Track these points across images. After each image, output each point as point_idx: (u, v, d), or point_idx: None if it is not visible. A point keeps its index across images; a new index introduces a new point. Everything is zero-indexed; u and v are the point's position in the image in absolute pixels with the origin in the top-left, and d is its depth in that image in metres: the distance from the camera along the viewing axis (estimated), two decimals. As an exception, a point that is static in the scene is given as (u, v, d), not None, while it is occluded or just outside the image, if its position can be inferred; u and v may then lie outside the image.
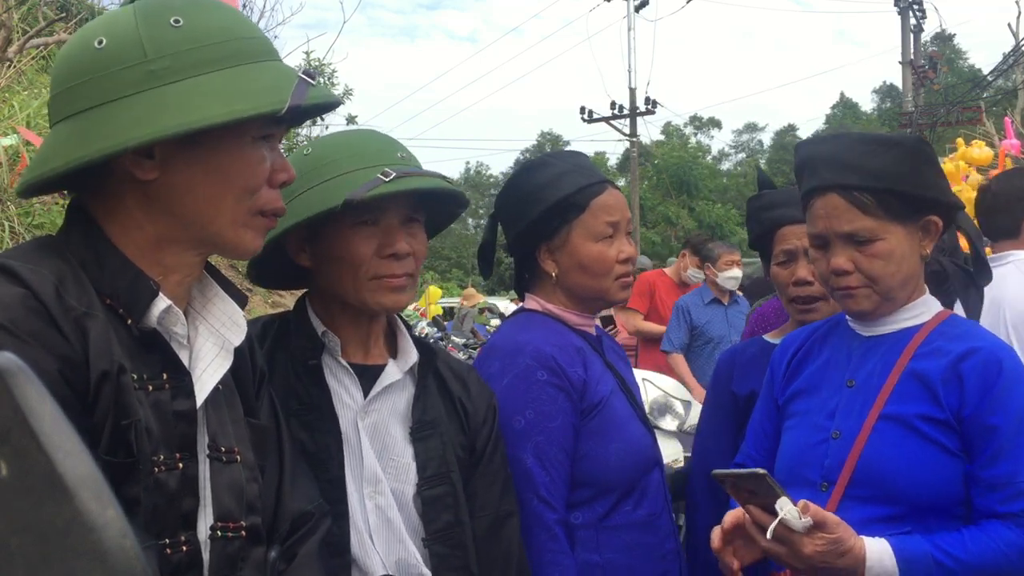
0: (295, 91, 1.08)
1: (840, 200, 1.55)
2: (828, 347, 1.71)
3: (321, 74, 10.39)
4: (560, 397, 1.70)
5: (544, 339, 1.76)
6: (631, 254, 1.85)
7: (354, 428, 1.46)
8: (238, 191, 1.10)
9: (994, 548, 1.43)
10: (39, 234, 4.39)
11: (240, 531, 1.12)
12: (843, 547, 1.43)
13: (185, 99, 1.03)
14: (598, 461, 1.73)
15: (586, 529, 1.72)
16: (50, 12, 8.20)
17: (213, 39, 1.07)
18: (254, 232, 1.15)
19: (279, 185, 1.16)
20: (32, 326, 0.95)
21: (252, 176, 1.11)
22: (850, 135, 1.65)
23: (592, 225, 1.80)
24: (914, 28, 23.00)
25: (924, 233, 1.58)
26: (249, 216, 1.13)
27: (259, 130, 1.11)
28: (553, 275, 1.84)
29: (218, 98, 1.03)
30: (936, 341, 1.56)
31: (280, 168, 1.15)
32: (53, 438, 0.47)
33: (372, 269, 1.47)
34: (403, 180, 1.42)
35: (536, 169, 1.87)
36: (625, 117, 25.32)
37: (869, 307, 1.59)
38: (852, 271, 1.56)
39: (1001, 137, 9.01)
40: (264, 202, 1.13)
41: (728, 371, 2.15)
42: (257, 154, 1.12)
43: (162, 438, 1.03)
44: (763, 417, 1.81)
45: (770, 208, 2.09)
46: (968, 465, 1.49)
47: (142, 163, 1.06)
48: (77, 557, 0.45)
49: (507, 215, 1.90)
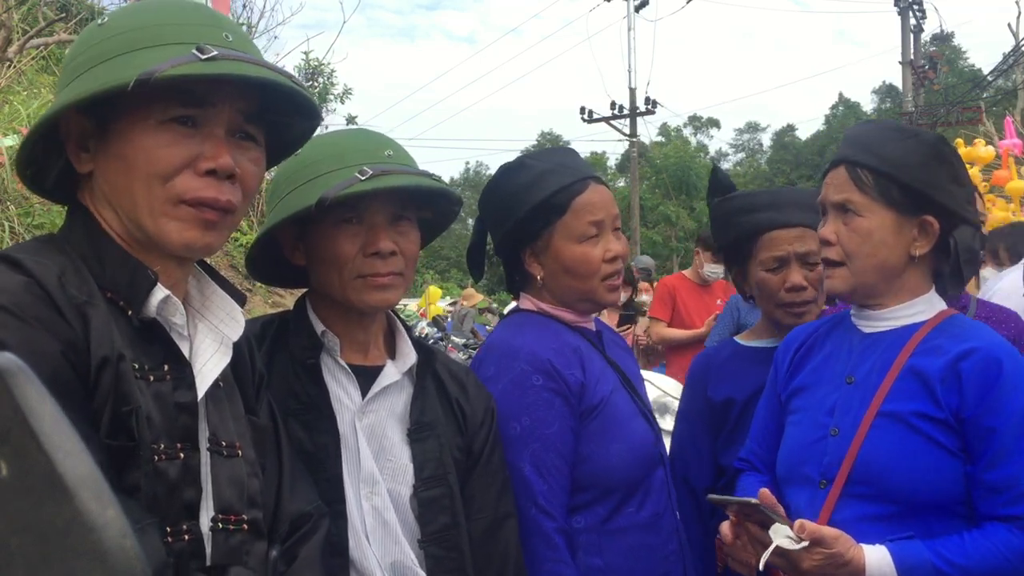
0: (158, 66, 1.00)
1: (844, 173, 1.60)
2: (830, 343, 1.71)
3: (321, 74, 10.36)
4: (557, 402, 1.67)
5: (539, 342, 1.72)
6: (618, 252, 1.79)
7: (352, 428, 1.46)
8: (144, 177, 1.06)
9: (995, 552, 1.42)
10: (39, 234, 4.39)
11: (242, 524, 1.12)
12: (842, 560, 1.43)
13: (71, 90, 1.07)
14: (599, 463, 1.70)
15: (588, 533, 1.69)
16: (50, 12, 8.19)
17: (121, 30, 1.08)
18: (180, 223, 1.08)
19: (206, 173, 1.07)
20: (36, 310, 0.96)
21: (155, 161, 1.05)
22: (884, 122, 1.70)
23: (574, 226, 1.75)
24: (914, 28, 22.98)
25: (920, 232, 1.57)
26: (168, 205, 1.07)
27: (163, 112, 1.06)
28: (539, 278, 1.81)
29: (87, 83, 1.05)
30: (936, 339, 1.55)
31: (210, 156, 1.07)
32: (53, 438, 0.47)
33: (356, 268, 1.46)
34: (379, 178, 1.40)
35: (515, 171, 1.83)
36: (625, 117, 25.30)
37: (843, 288, 1.61)
38: (835, 243, 1.60)
39: (1001, 137, 9.00)
40: (182, 190, 1.06)
41: (703, 376, 2.10)
42: (163, 138, 1.06)
43: (163, 428, 1.04)
44: (767, 414, 1.81)
45: (750, 211, 2.01)
46: (969, 467, 1.48)
47: (80, 157, 1.10)
48: (77, 557, 0.45)
49: (490, 219, 1.87)
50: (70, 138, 1.09)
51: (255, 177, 1.15)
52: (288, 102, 1.17)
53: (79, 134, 1.09)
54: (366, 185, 1.39)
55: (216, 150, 1.08)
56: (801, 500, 1.59)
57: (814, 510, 1.55)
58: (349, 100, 11.69)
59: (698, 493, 1.96)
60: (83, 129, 1.09)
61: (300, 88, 1.14)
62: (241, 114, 1.12)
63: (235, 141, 1.12)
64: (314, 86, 10.02)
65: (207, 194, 1.07)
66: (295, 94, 1.14)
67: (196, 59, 1.03)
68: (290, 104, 1.18)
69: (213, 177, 1.08)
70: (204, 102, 1.08)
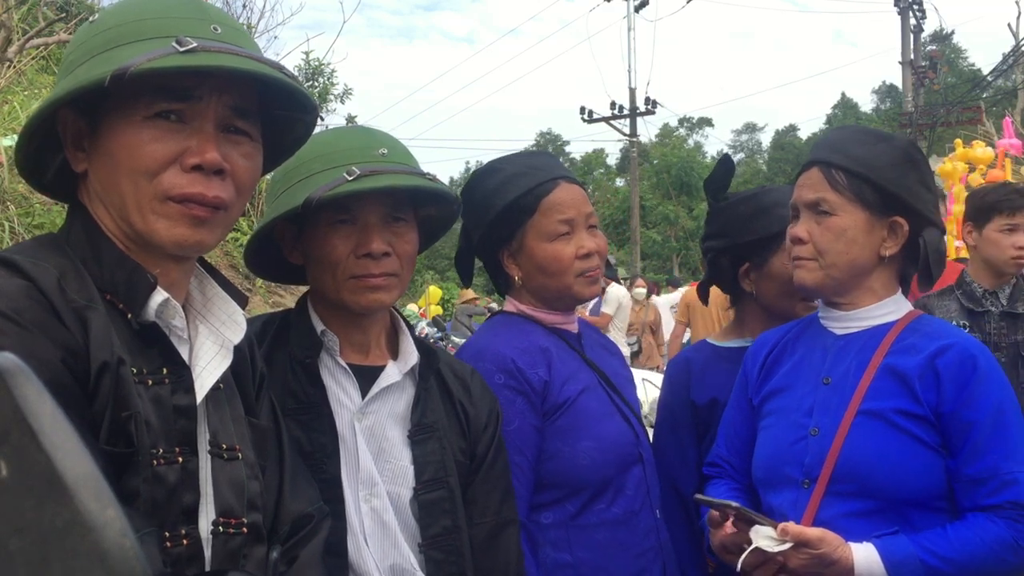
0: (132, 60, 0.99)
1: (818, 174, 1.64)
2: (802, 345, 1.74)
3: (321, 74, 10.37)
4: (518, 400, 1.70)
5: (506, 342, 1.76)
6: (592, 248, 1.81)
7: (351, 429, 1.45)
8: (129, 174, 1.05)
9: (979, 542, 1.46)
10: (39, 234, 4.38)
11: (242, 527, 1.12)
12: (829, 559, 1.46)
13: (57, 87, 1.06)
14: (566, 460, 1.72)
15: (556, 529, 1.71)
16: (50, 12, 8.20)
17: (105, 27, 1.07)
18: (168, 220, 1.06)
19: (192, 168, 1.05)
20: (35, 315, 0.96)
21: (139, 157, 1.04)
22: (854, 126, 1.76)
23: (544, 225, 1.79)
24: (914, 28, 22.98)
25: (889, 233, 1.62)
26: (156, 202, 1.05)
27: (147, 108, 1.04)
28: (517, 279, 1.84)
29: (71, 81, 1.05)
30: (909, 338, 1.60)
31: (196, 151, 1.05)
32: (53, 438, 0.47)
33: (349, 269, 1.45)
34: (366, 179, 1.38)
35: (485, 176, 1.87)
36: (625, 117, 25.33)
37: (812, 281, 1.64)
38: (807, 241, 1.63)
39: (1000, 137, 9.00)
40: (168, 186, 1.04)
41: (684, 379, 2.08)
42: (147, 134, 1.04)
43: (162, 432, 1.03)
44: (736, 419, 1.82)
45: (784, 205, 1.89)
46: (950, 461, 1.52)
47: (76, 155, 1.10)
48: (77, 557, 0.45)
49: (467, 223, 1.89)
50: (67, 137, 1.09)
51: (248, 172, 1.12)
52: (286, 97, 1.14)
53: (74, 133, 1.09)
54: (352, 186, 1.37)
55: (202, 145, 1.05)
56: (784, 501, 1.61)
57: (798, 510, 1.57)
58: (349, 100, 11.72)
59: (685, 496, 1.94)
60: (77, 128, 1.08)
61: (290, 79, 1.10)
62: (231, 108, 1.09)
63: (225, 136, 1.09)
64: (314, 86, 10.04)
65: (193, 190, 1.05)
66: (289, 87, 1.10)
67: (174, 51, 1.00)
68: (289, 99, 1.15)
69: (200, 173, 1.05)
70: (189, 96, 1.05)
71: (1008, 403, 1.53)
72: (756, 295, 2.06)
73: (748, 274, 2.06)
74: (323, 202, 1.37)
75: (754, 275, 2.05)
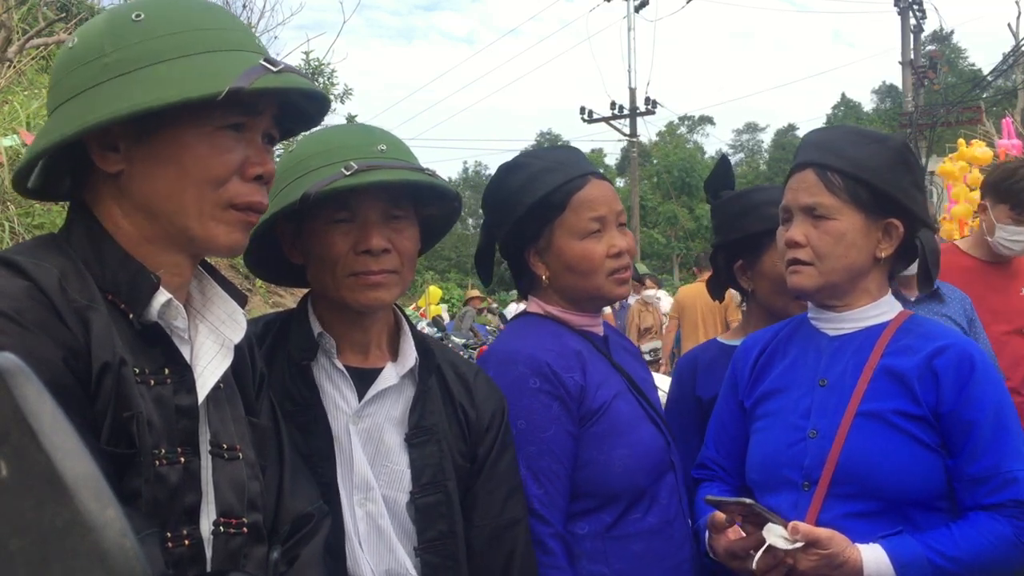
0: (242, 77, 1.03)
1: (813, 176, 1.61)
2: (794, 347, 1.72)
3: (321, 74, 10.37)
4: (554, 405, 1.64)
5: (539, 345, 1.69)
6: (623, 247, 1.76)
7: (346, 432, 1.43)
8: (199, 182, 1.07)
9: (983, 541, 1.47)
10: (39, 234, 4.38)
11: (242, 527, 1.12)
12: (838, 560, 1.45)
13: (124, 89, 1.03)
14: (601, 468, 1.66)
15: (592, 540, 1.65)
16: (50, 12, 8.19)
17: (170, 30, 1.06)
18: (228, 227, 1.10)
19: (253, 178, 1.10)
20: (37, 316, 0.96)
21: (213, 167, 1.07)
22: (845, 126, 1.72)
23: (575, 223, 1.73)
24: (914, 28, 22.95)
25: (884, 234, 1.61)
26: (218, 210, 1.09)
27: (222, 119, 1.07)
28: (544, 278, 1.78)
29: (157, 85, 1.02)
30: (904, 339, 1.60)
31: (256, 162, 1.10)
32: (53, 438, 0.47)
33: (349, 266, 1.44)
34: (363, 174, 1.37)
35: (513, 171, 1.79)
36: (625, 117, 25.32)
37: (810, 285, 1.62)
38: (804, 244, 1.61)
39: (1000, 137, 8.98)
40: (233, 195, 1.09)
41: (691, 376, 2.09)
42: (220, 144, 1.08)
43: (163, 432, 1.04)
44: (726, 420, 1.81)
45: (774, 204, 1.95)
46: (951, 461, 1.52)
47: (107, 156, 1.08)
48: (77, 557, 0.45)
49: (492, 220, 1.84)
50: (92, 136, 1.07)
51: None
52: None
53: (107, 132, 1.07)
54: (349, 180, 1.36)
55: (261, 156, 1.11)
56: (783, 503, 1.59)
57: (799, 512, 1.56)
58: (349, 100, 11.73)
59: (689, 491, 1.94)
60: (114, 128, 1.07)
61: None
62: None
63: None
64: (314, 86, 10.00)
65: (255, 199, 1.11)
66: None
67: (268, 71, 1.06)
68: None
69: (259, 182, 1.12)
70: (255, 110, 1.10)
71: (1005, 402, 1.54)
72: (754, 293, 2.08)
73: (744, 271, 2.08)
74: (320, 197, 1.36)
75: (749, 272, 2.07)
